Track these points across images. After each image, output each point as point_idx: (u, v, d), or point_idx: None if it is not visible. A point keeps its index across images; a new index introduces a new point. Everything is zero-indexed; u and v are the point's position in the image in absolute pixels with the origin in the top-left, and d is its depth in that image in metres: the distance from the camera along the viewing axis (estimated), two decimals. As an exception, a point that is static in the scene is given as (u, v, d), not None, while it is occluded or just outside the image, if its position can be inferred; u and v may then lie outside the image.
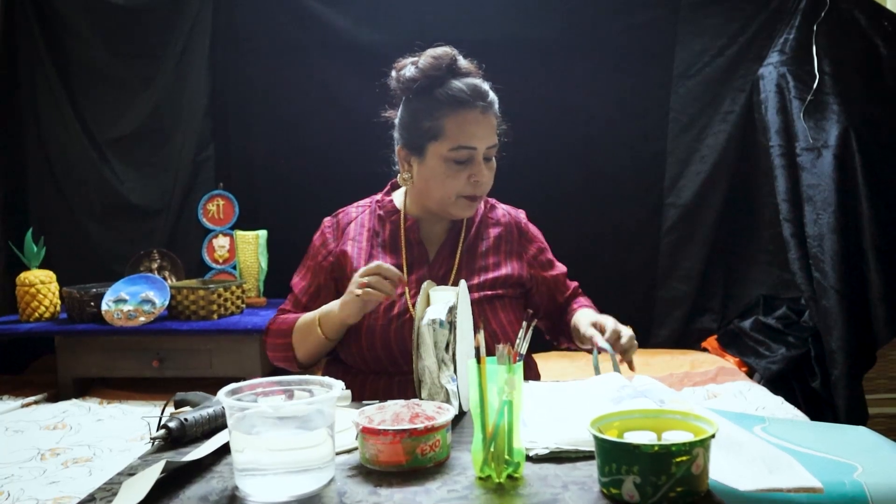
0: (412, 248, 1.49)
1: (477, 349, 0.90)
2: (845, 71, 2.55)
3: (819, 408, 2.43)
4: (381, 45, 2.75)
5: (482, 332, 0.92)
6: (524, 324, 0.99)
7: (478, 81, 1.43)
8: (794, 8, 2.66)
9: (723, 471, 1.00)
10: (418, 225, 1.50)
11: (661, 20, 2.85)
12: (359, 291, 1.28)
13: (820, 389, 2.43)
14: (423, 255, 1.48)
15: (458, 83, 1.40)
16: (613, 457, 0.79)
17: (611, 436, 0.83)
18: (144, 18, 2.87)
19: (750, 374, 2.55)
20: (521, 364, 0.90)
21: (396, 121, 1.50)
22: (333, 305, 1.37)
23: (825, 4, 2.58)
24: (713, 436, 0.80)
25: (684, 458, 0.77)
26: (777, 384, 2.46)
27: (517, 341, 0.96)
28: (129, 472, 0.96)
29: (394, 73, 1.46)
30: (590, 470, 0.90)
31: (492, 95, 1.44)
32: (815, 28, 2.58)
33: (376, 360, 1.40)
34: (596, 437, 0.81)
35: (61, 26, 2.88)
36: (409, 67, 1.43)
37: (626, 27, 2.86)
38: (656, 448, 0.77)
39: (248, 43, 2.90)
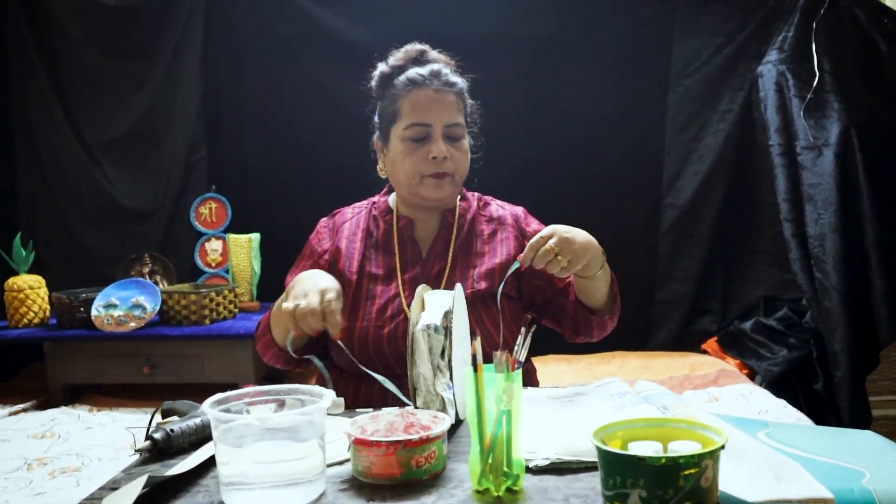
0: (405, 247, 1.47)
1: (474, 356, 0.86)
2: (845, 68, 2.53)
3: (822, 410, 2.40)
4: (376, 44, 2.68)
5: (479, 338, 0.88)
6: (523, 330, 0.95)
7: (439, 66, 1.44)
8: (792, 5, 2.64)
9: (730, 481, 0.96)
10: (412, 224, 1.48)
11: (658, 18, 2.82)
12: (291, 306, 1.17)
13: (822, 391, 2.41)
14: (417, 254, 1.46)
15: (416, 68, 1.44)
16: (617, 469, 0.75)
17: (614, 446, 0.79)
18: (136, 19, 2.83)
19: (751, 377, 2.52)
20: (519, 372, 0.86)
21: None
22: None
23: (824, 2, 2.56)
24: (723, 446, 0.76)
25: (693, 470, 0.73)
26: (779, 386, 2.43)
27: (515, 348, 0.92)
28: (112, 486, 0.92)
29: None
30: (592, 482, 0.86)
31: (453, 78, 1.44)
32: (814, 25, 2.55)
33: (368, 363, 1.36)
34: (599, 449, 0.77)
35: (52, 27, 2.84)
36: (381, 65, 1.48)
37: (624, 25, 2.83)
38: (663, 460, 0.73)
39: (242, 43, 2.86)
